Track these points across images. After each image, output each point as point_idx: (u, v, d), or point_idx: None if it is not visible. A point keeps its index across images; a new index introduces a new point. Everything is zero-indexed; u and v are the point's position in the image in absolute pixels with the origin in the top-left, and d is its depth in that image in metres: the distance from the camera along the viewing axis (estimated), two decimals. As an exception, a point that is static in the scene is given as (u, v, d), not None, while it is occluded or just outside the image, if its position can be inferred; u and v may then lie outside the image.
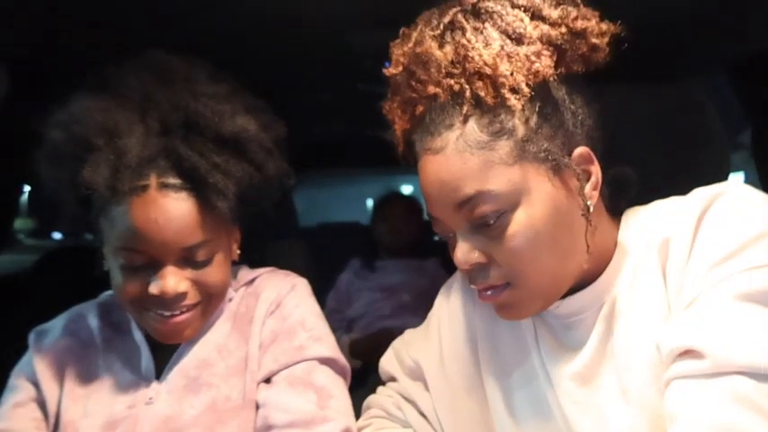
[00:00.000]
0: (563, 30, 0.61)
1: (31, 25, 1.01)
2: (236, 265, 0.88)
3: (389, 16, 1.03)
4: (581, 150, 0.63)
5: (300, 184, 2.61)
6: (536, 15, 0.61)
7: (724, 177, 0.88)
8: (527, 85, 0.59)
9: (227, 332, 0.84)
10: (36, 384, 0.81)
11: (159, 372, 0.81)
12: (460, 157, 0.60)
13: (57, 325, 0.86)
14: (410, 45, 0.65)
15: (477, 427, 0.75)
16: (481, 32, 0.61)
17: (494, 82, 0.59)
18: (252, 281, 0.89)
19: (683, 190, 0.73)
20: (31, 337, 0.85)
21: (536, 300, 0.65)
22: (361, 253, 2.13)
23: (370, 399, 0.89)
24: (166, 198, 0.72)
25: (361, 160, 2.57)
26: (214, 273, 0.78)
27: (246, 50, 1.19)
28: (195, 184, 0.73)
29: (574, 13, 0.62)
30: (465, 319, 0.81)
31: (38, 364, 0.82)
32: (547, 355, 0.70)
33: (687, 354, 0.53)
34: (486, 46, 0.60)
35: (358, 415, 0.85)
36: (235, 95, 0.79)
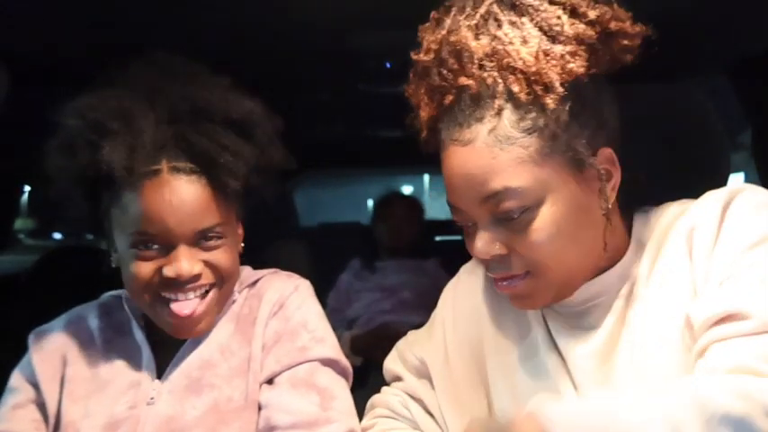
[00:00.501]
0: (598, 30, 0.61)
1: (31, 25, 1.01)
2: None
3: (389, 16, 1.03)
4: (605, 150, 0.64)
5: (300, 184, 2.62)
6: (574, 13, 0.61)
7: (724, 177, 0.88)
8: (561, 84, 0.59)
9: (231, 333, 0.84)
10: (35, 386, 0.81)
11: (161, 372, 0.81)
12: (490, 152, 0.60)
13: (57, 326, 0.86)
14: (443, 32, 0.64)
15: None
16: (518, 27, 0.61)
17: (528, 79, 0.59)
18: (255, 282, 0.89)
19: (683, 189, 0.73)
20: (31, 338, 0.85)
21: (552, 290, 0.66)
22: (362, 253, 2.13)
23: (375, 398, 0.89)
24: (179, 181, 0.73)
25: (361, 160, 2.57)
26: (225, 256, 0.79)
27: (247, 50, 1.19)
28: (206, 167, 0.75)
29: (610, 13, 0.61)
30: (471, 317, 0.81)
31: (37, 365, 0.81)
32: (558, 336, 0.70)
33: (727, 319, 0.55)
34: (523, 42, 0.60)
35: (359, 415, 0.85)
36: (235, 88, 0.81)
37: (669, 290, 0.63)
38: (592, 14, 0.61)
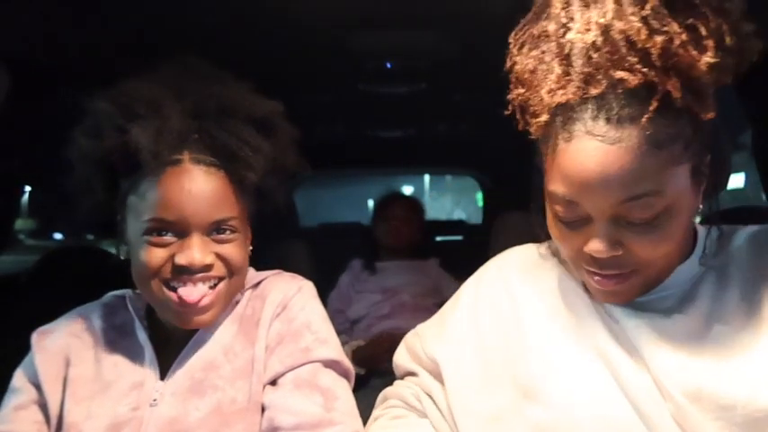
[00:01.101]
0: (741, 44, 0.60)
1: (31, 25, 1.01)
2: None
3: (390, 16, 1.03)
4: (709, 156, 0.65)
5: (300, 184, 2.62)
6: (733, 25, 0.59)
7: (724, 178, 0.88)
8: (712, 93, 0.58)
9: (234, 334, 0.84)
10: (38, 386, 0.80)
11: (164, 373, 0.81)
12: (640, 155, 0.58)
13: (59, 326, 0.86)
14: (610, 16, 0.59)
15: (492, 424, 0.74)
16: (693, 31, 0.57)
17: (691, 85, 0.57)
18: (258, 283, 0.90)
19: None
20: (34, 339, 0.84)
21: (646, 286, 0.69)
22: (362, 253, 2.13)
23: (388, 390, 0.89)
24: (199, 171, 0.76)
25: (362, 160, 2.57)
26: (237, 251, 0.80)
27: (247, 51, 1.19)
28: (226, 160, 0.78)
29: (752, 28, 0.61)
30: (501, 314, 0.80)
31: (40, 365, 0.81)
32: (631, 326, 0.69)
33: None
34: (700, 49, 0.57)
35: (360, 416, 0.85)
36: (257, 91, 0.84)
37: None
38: (746, 28, 0.60)
